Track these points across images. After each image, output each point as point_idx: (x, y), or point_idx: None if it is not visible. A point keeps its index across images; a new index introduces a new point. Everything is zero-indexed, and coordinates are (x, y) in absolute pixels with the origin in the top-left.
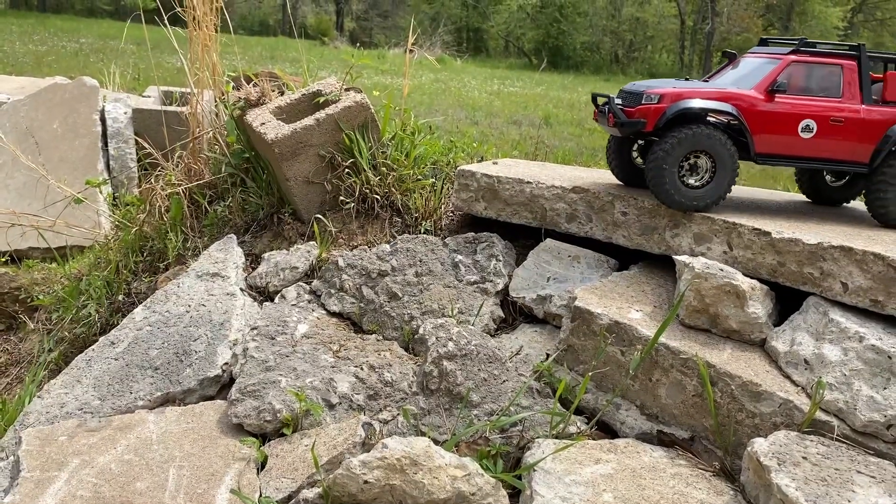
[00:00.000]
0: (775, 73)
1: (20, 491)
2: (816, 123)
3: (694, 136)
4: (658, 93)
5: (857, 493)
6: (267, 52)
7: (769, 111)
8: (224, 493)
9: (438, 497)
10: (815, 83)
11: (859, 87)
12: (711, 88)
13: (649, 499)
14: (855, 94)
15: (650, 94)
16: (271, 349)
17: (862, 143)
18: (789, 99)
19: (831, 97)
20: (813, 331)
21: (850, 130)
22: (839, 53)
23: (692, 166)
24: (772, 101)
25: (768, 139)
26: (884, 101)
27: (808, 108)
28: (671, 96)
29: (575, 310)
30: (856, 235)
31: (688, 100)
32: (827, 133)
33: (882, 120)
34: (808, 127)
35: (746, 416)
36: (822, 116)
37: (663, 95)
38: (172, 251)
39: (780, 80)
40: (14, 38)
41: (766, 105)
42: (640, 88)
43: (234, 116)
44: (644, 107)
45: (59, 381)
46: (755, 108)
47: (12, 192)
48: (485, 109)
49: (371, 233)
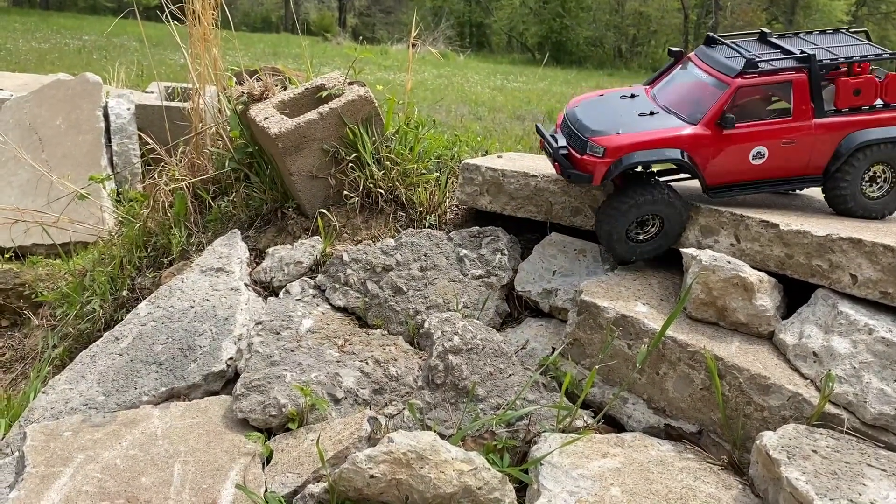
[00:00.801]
0: (722, 103)
1: (25, 486)
2: (768, 149)
3: (645, 202)
4: (602, 144)
5: (868, 486)
6: (269, 48)
7: (718, 146)
8: (229, 487)
9: (445, 491)
10: (764, 104)
11: (811, 100)
12: (657, 131)
13: (657, 493)
14: (806, 109)
15: (594, 144)
16: (276, 344)
17: (815, 159)
18: (738, 129)
19: (782, 118)
20: (822, 323)
21: (803, 149)
22: (789, 67)
23: (641, 223)
24: (720, 135)
25: (719, 173)
26: (836, 111)
27: (758, 136)
28: (614, 150)
29: (581, 303)
30: (865, 227)
31: (633, 153)
32: (779, 156)
33: (834, 133)
34: (759, 154)
35: (755, 410)
36: (773, 141)
37: (607, 149)
38: (176, 247)
39: (727, 115)
40: (17, 35)
41: (714, 140)
42: (583, 129)
43: (237, 111)
44: (589, 159)
45: (63, 377)
46: (703, 147)
47: (16, 189)
48: (488, 105)
49: (375, 227)
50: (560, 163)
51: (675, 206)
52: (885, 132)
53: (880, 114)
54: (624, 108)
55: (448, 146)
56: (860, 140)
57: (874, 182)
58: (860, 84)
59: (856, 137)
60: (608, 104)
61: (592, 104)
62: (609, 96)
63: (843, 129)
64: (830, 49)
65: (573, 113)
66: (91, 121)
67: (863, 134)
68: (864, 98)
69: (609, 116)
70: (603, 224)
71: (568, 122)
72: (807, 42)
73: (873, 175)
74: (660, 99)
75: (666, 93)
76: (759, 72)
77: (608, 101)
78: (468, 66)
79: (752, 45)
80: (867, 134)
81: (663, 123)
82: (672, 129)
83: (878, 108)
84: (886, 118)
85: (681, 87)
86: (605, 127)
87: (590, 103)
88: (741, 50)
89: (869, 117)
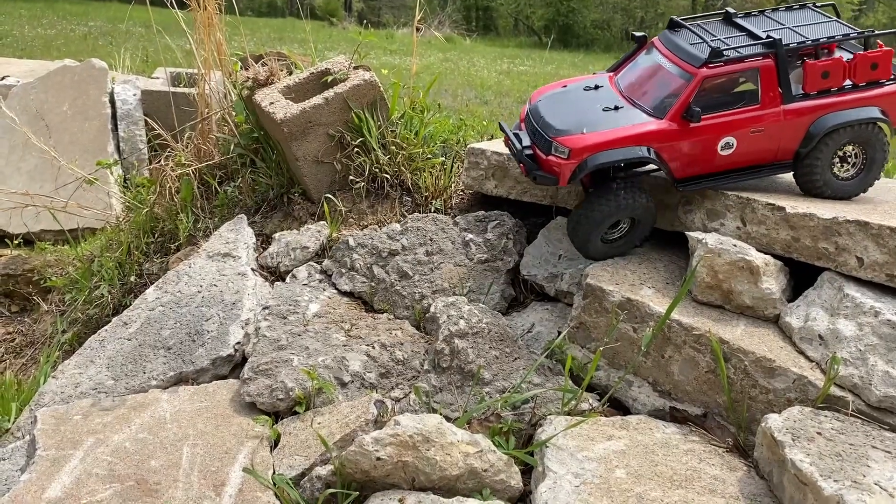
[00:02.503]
0: (687, 96)
1: (36, 469)
2: (736, 139)
3: (620, 208)
4: (566, 145)
5: (873, 467)
6: (275, 33)
7: (685, 140)
8: (237, 470)
9: (451, 473)
10: (731, 93)
11: (778, 86)
12: (622, 129)
13: (662, 474)
14: (774, 96)
15: (559, 145)
16: (283, 328)
17: (784, 145)
18: (705, 120)
19: (750, 106)
20: (827, 306)
21: (772, 136)
22: (755, 54)
23: (613, 224)
24: (687, 128)
25: (687, 166)
26: (804, 94)
27: (726, 127)
28: (580, 151)
29: (587, 287)
30: (871, 210)
31: (599, 153)
32: (748, 145)
33: (804, 118)
34: (727, 144)
35: (760, 392)
36: (742, 131)
37: (572, 150)
38: (183, 232)
39: (693, 109)
40: (23, 22)
41: (681, 135)
42: (547, 127)
43: (243, 96)
44: (554, 160)
45: (73, 362)
46: (670, 142)
47: (24, 175)
48: (494, 89)
49: (381, 212)
50: (525, 164)
51: (649, 207)
52: (855, 114)
53: (849, 95)
54: (588, 103)
55: (454, 130)
56: (831, 123)
57: (845, 162)
58: (828, 66)
59: (826, 121)
60: (571, 98)
61: (555, 98)
62: (572, 88)
63: (813, 114)
64: (797, 29)
65: (536, 109)
66: (97, 107)
67: (833, 117)
68: (833, 80)
69: (573, 113)
70: (579, 230)
71: (531, 119)
72: (773, 21)
73: (844, 155)
74: (624, 88)
75: (630, 82)
76: (724, 60)
77: (571, 94)
78: (474, 49)
79: (717, 28)
80: (838, 117)
81: (629, 119)
82: (637, 125)
83: (847, 90)
84: (856, 99)
85: (645, 75)
86: (570, 125)
87: (553, 97)
88: (705, 36)
89: (838, 99)
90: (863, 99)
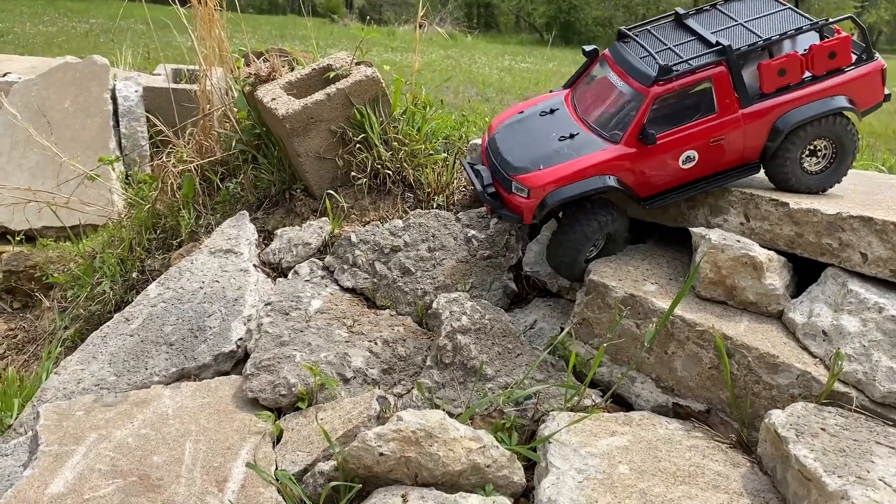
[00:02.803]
0: (640, 117)
1: (39, 465)
2: (697, 151)
3: (597, 228)
4: (525, 184)
5: (877, 463)
6: (276, 30)
7: (645, 161)
8: (240, 466)
9: (454, 469)
10: (686, 105)
11: (734, 91)
12: (579, 160)
13: (665, 470)
14: (731, 102)
15: (518, 184)
16: (285, 324)
17: (749, 146)
18: (662, 139)
19: (707, 115)
20: (831, 302)
21: (734, 141)
22: (706, 64)
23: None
24: (645, 150)
25: (651, 184)
26: (762, 95)
27: (684, 141)
28: (539, 189)
29: (589, 283)
30: (875, 205)
31: (558, 190)
32: (710, 154)
33: (765, 119)
34: (689, 158)
35: (763, 389)
36: (701, 142)
37: (531, 189)
38: (185, 228)
39: (648, 132)
40: (24, 19)
41: (639, 157)
42: (505, 165)
43: (245, 92)
44: (516, 199)
45: (75, 358)
46: (630, 167)
47: (26, 172)
48: (496, 86)
49: (383, 208)
50: (489, 203)
51: (623, 221)
52: (820, 106)
53: (810, 88)
54: (543, 132)
55: (456, 126)
56: (796, 119)
57: (815, 156)
58: (783, 64)
59: (791, 117)
60: (527, 127)
61: (512, 129)
62: (528, 114)
63: (775, 113)
64: (749, 24)
65: (494, 142)
66: (99, 103)
67: (798, 112)
68: (791, 76)
69: (529, 146)
70: (560, 256)
71: (491, 154)
72: (725, 17)
73: (814, 149)
74: (580, 109)
75: (585, 102)
76: (675, 75)
77: (527, 122)
78: (476, 46)
79: (667, 33)
80: (802, 112)
81: (585, 148)
82: (595, 154)
83: (808, 83)
84: (818, 91)
85: (598, 94)
86: (527, 161)
87: (510, 128)
88: (654, 48)
89: (800, 94)
90: (825, 90)
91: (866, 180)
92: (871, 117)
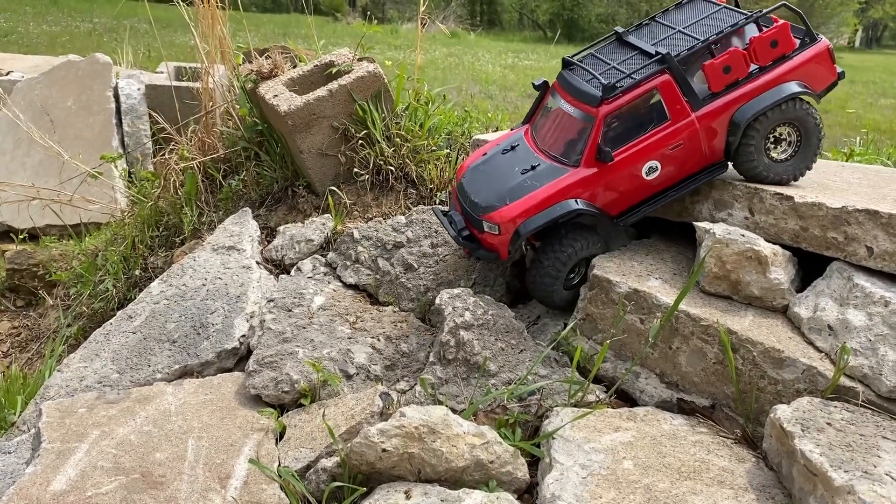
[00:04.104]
0: (594, 138)
1: (42, 462)
2: (658, 161)
3: (572, 253)
4: (495, 221)
5: (883, 458)
6: (279, 28)
7: (607, 180)
8: (243, 463)
9: (457, 465)
10: (639, 118)
11: (683, 97)
12: (543, 189)
13: (670, 466)
14: (682, 107)
15: (488, 222)
16: (288, 321)
17: (710, 147)
18: (619, 155)
19: (661, 124)
20: (837, 296)
21: (694, 144)
22: (649, 75)
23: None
24: (605, 168)
25: (620, 201)
26: (713, 94)
27: (643, 153)
28: (509, 224)
29: (593, 278)
30: (881, 199)
31: (529, 220)
32: (672, 162)
33: (720, 117)
34: (652, 168)
35: (769, 383)
36: (661, 151)
37: (501, 226)
38: (188, 225)
39: (604, 150)
40: (28, 19)
41: (602, 176)
42: (474, 207)
43: (247, 89)
44: (489, 237)
45: (78, 355)
46: (594, 188)
47: (29, 171)
48: (499, 83)
49: (386, 204)
50: (466, 247)
51: (600, 245)
52: (775, 94)
53: (759, 79)
54: (507, 169)
55: (458, 122)
56: (752, 112)
57: (780, 144)
58: (726, 61)
59: (746, 111)
60: (491, 167)
61: (477, 171)
62: (492, 154)
63: (729, 110)
64: (687, 30)
65: (462, 187)
66: (102, 101)
67: (753, 105)
68: (737, 72)
69: (494, 184)
70: (539, 285)
71: (461, 199)
72: (663, 27)
73: (778, 137)
74: (539, 141)
75: (542, 133)
76: (620, 91)
77: (491, 162)
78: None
79: (610, 53)
80: (757, 104)
81: (548, 176)
82: (558, 181)
83: (756, 75)
84: (768, 82)
85: (554, 124)
86: (493, 199)
87: (475, 170)
88: (597, 68)
89: (749, 87)
90: (775, 79)
91: (872, 174)
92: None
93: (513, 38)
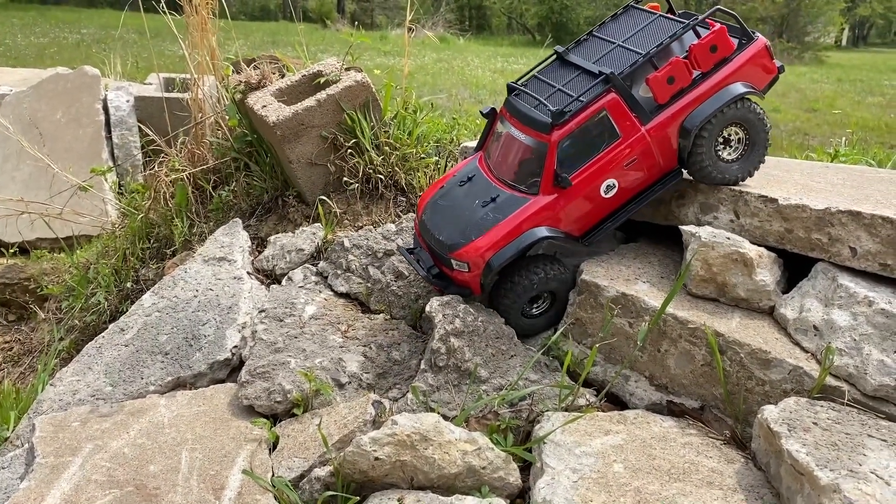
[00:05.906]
0: (550, 165)
1: (35, 477)
2: (615, 178)
3: (517, 293)
4: (464, 259)
5: (869, 456)
6: (268, 36)
7: (568, 204)
8: (237, 473)
9: (449, 471)
10: (591, 139)
11: (631, 112)
12: (508, 221)
13: (660, 468)
14: (631, 123)
15: (457, 260)
16: (280, 331)
17: (664, 157)
18: (577, 176)
19: (612, 142)
20: (822, 297)
21: (648, 157)
22: (596, 96)
23: (534, 298)
24: (564, 193)
25: (582, 222)
26: (660, 106)
27: (599, 173)
28: (478, 259)
29: (581, 283)
30: (864, 199)
31: (498, 253)
32: (629, 177)
33: (670, 127)
34: (609, 186)
35: (756, 384)
36: (616, 169)
37: (471, 262)
38: (179, 237)
39: (561, 176)
40: (16, 30)
41: (562, 201)
42: (440, 246)
43: (236, 100)
44: (458, 274)
45: (70, 369)
46: (556, 213)
47: (19, 184)
48: (489, 88)
49: (376, 213)
50: (438, 285)
51: (564, 278)
52: (722, 96)
53: (704, 85)
54: (467, 202)
55: (447, 129)
56: (701, 117)
57: (729, 145)
58: (669, 72)
59: (696, 117)
60: (451, 201)
61: (437, 207)
62: (448, 187)
63: (677, 119)
64: (627, 44)
65: (424, 224)
66: (91, 114)
67: (701, 111)
68: (681, 81)
69: (456, 220)
70: (497, 306)
71: (424, 237)
72: (603, 42)
73: (727, 138)
74: (494, 168)
75: (497, 161)
76: (570, 115)
77: (449, 195)
78: (468, 49)
79: (555, 75)
80: (705, 109)
81: (509, 207)
82: (519, 212)
83: (700, 82)
84: (713, 86)
85: (507, 150)
86: (458, 236)
87: (434, 206)
88: (543, 94)
89: (696, 94)
90: (719, 83)
91: (856, 175)
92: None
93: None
